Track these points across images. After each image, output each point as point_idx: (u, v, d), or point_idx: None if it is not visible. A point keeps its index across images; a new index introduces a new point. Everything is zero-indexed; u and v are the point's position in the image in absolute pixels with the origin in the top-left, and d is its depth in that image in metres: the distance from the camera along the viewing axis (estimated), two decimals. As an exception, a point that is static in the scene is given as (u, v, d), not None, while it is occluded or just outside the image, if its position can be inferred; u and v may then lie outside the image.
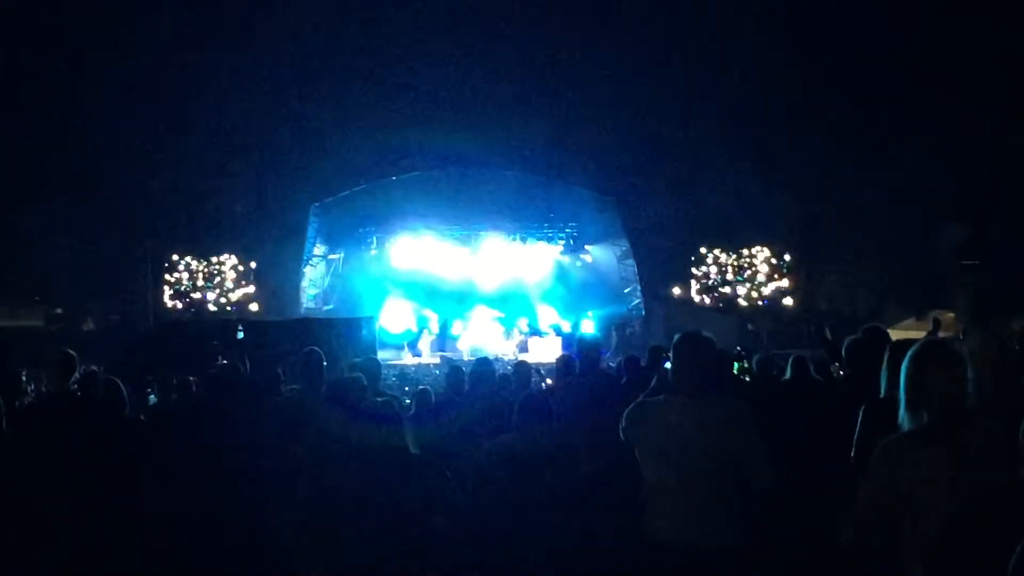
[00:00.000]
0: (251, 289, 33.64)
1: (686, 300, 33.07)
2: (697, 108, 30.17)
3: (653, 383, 6.45)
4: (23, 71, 27.89)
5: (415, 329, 32.65)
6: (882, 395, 5.58)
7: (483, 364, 8.68)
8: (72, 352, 7.84)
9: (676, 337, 5.78)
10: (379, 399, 6.52)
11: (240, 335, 16.86)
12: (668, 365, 6.36)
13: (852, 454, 5.65)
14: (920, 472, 3.87)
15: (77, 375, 7.80)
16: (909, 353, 4.16)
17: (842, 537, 3.89)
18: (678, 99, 30.09)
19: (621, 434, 5.90)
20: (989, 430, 3.90)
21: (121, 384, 7.58)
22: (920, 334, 20.58)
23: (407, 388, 18.60)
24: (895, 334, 7.86)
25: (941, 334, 21.59)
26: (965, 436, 3.91)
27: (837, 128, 29.20)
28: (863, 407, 5.66)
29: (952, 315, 26.34)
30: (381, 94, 30.63)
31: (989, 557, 2.98)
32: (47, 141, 29.26)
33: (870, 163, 28.68)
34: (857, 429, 5.64)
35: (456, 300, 33.41)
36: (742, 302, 32.98)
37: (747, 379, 9.17)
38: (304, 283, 33.12)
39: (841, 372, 8.70)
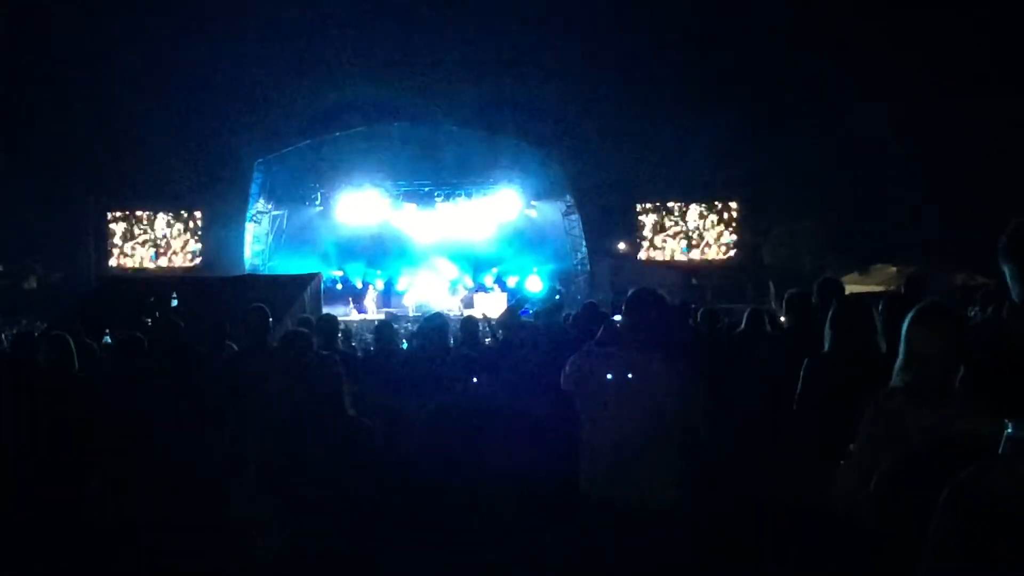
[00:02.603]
0: (194, 246, 33.39)
1: (631, 256, 33.17)
2: (643, 62, 30.10)
3: (599, 335, 6.44)
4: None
5: (360, 285, 32.64)
6: (825, 349, 5.62)
7: (434, 319, 8.60)
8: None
9: (629, 292, 5.80)
10: (324, 354, 6.45)
11: (175, 303, 16.60)
12: (616, 318, 6.39)
13: (793, 408, 5.67)
14: (907, 425, 3.89)
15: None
16: (910, 314, 4.17)
17: (836, 500, 3.90)
18: (623, 54, 30.00)
19: (562, 382, 5.92)
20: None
21: (70, 339, 7.46)
22: (863, 288, 20.82)
23: (353, 344, 18.56)
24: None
25: (882, 287, 21.85)
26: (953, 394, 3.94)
27: (782, 81, 29.27)
28: (805, 362, 5.67)
29: (894, 268, 26.61)
30: (325, 48, 30.36)
31: (916, 509, 3.05)
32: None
33: (813, 117, 28.81)
34: (800, 384, 5.66)
35: (401, 256, 33.36)
36: (686, 257, 33.14)
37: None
38: (248, 240, 32.85)
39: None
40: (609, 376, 5.60)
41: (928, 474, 3.14)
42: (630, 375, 5.53)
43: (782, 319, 9.11)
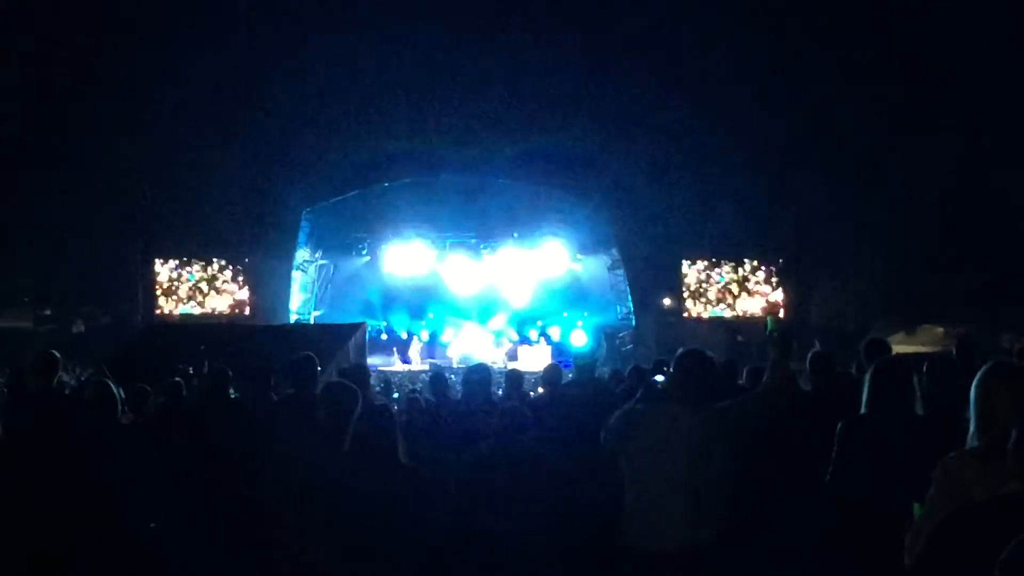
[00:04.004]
0: (241, 294, 33.60)
1: (676, 311, 33.06)
2: (694, 120, 30.14)
3: (639, 394, 6.45)
4: (5, 66, 27.77)
5: (404, 336, 32.76)
6: (863, 411, 5.58)
7: (479, 371, 8.58)
8: (55, 352, 7.80)
9: (679, 352, 5.82)
10: (374, 404, 6.47)
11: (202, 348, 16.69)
12: (658, 378, 6.41)
13: (829, 471, 5.64)
14: (981, 489, 3.84)
15: (63, 375, 7.76)
16: (979, 374, 4.14)
17: (911, 563, 3.86)
18: (674, 110, 30.05)
19: (602, 437, 5.92)
20: None
21: (113, 386, 7.50)
22: (909, 348, 20.67)
23: (396, 395, 18.58)
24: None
25: (929, 348, 21.69)
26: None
27: (832, 141, 29.22)
28: (841, 423, 5.64)
29: (941, 330, 26.41)
30: (373, 100, 30.62)
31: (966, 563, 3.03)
32: (37, 141, 29.20)
33: (862, 176, 28.72)
34: (836, 446, 5.63)
35: (445, 307, 33.46)
36: (732, 313, 33.00)
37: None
38: (294, 288, 33.03)
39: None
40: (653, 430, 5.61)
41: (981, 530, 3.13)
42: (681, 428, 5.53)
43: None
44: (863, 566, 5.10)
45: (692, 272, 33.43)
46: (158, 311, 33.07)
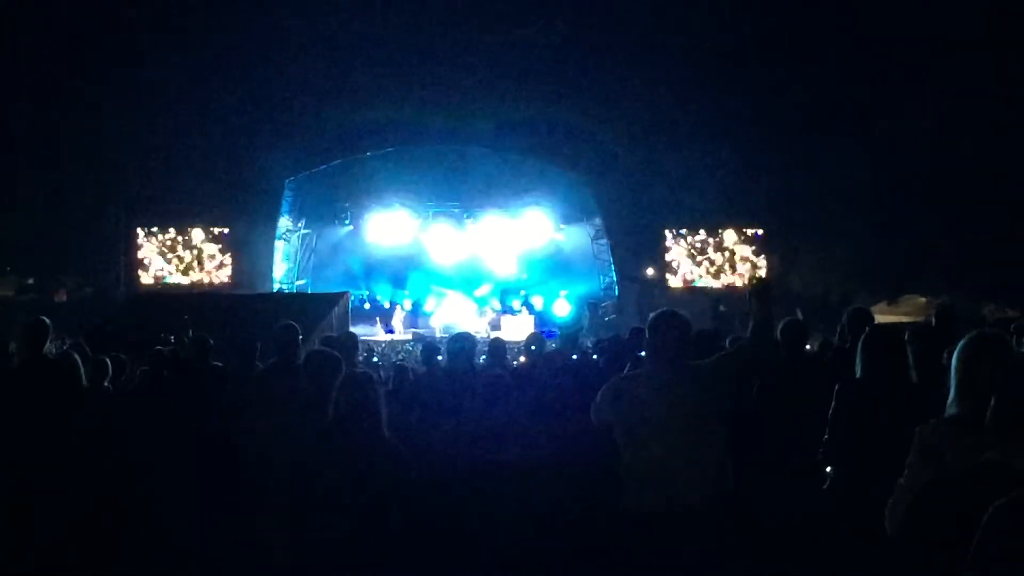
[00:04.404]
0: (223, 263, 33.53)
1: (659, 281, 33.11)
2: (672, 84, 30.07)
3: (628, 367, 6.50)
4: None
5: (387, 305, 32.76)
6: (858, 376, 5.67)
7: (462, 340, 8.57)
8: (45, 319, 7.77)
9: (651, 315, 5.85)
10: (356, 372, 6.45)
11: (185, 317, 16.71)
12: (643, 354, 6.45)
13: (826, 433, 5.72)
14: (958, 457, 3.87)
15: (51, 344, 7.74)
16: (961, 342, 4.16)
17: (891, 530, 3.88)
18: (652, 75, 29.99)
19: (592, 415, 5.95)
20: None
21: (89, 356, 7.51)
22: (892, 318, 20.77)
23: (377, 361, 18.64)
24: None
25: (911, 318, 21.78)
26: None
27: (815, 110, 29.20)
28: (837, 386, 5.72)
29: (924, 299, 26.52)
30: (356, 69, 30.46)
31: (945, 531, 3.07)
32: (19, 110, 29.05)
33: (843, 143, 28.71)
34: (832, 408, 5.70)
35: (428, 277, 33.46)
36: (715, 283, 33.06)
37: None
38: (277, 258, 32.97)
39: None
40: (644, 396, 5.63)
41: (959, 499, 3.16)
42: (665, 390, 5.56)
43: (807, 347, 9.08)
44: (861, 529, 5.13)
45: (675, 242, 33.44)
46: (141, 280, 33.00)
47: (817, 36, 28.32)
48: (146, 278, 33.18)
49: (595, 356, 10.65)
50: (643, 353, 6.60)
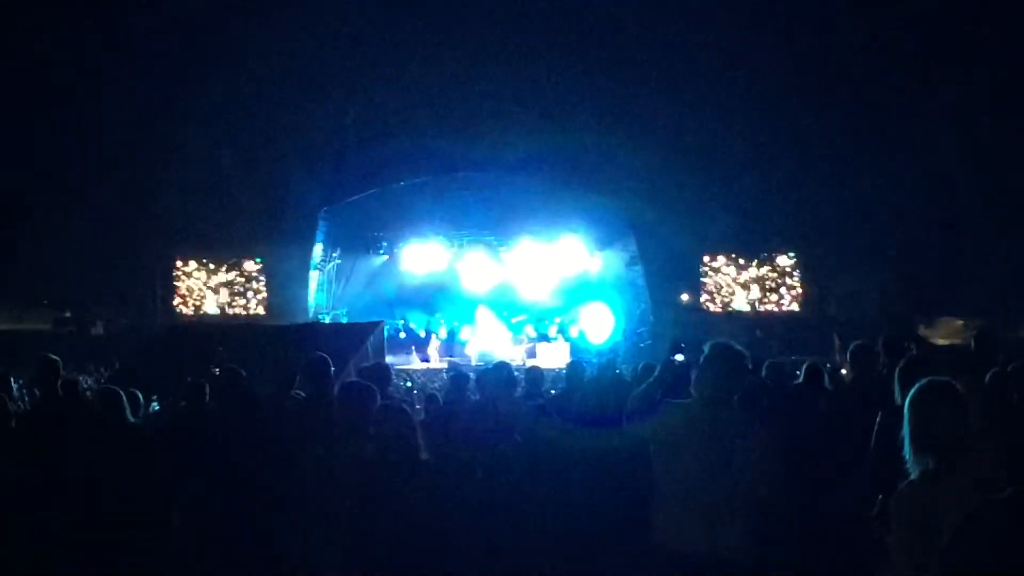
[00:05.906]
0: (259, 294, 33.65)
1: (694, 306, 32.97)
2: (707, 112, 30.03)
3: (657, 371, 6.32)
4: (26, 71, 27.87)
5: (423, 334, 32.78)
6: (897, 403, 5.57)
7: (500, 369, 8.50)
8: (51, 356, 7.78)
9: (708, 345, 5.70)
10: (390, 403, 6.45)
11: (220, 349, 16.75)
12: (678, 357, 6.32)
13: (873, 463, 5.62)
14: (953, 511, 3.80)
15: (82, 378, 7.76)
16: (913, 392, 4.10)
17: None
18: (690, 104, 29.98)
19: (625, 426, 5.85)
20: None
21: (121, 392, 7.51)
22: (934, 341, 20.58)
23: (415, 391, 18.63)
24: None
25: (948, 340, 21.62)
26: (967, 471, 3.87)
27: (846, 134, 29.10)
28: (880, 416, 5.62)
29: (960, 322, 26.31)
30: (391, 99, 30.63)
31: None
32: (57, 143, 29.35)
33: (882, 169, 28.59)
34: (874, 438, 5.61)
35: (463, 305, 33.45)
36: (750, 308, 32.89)
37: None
38: (312, 288, 33.07)
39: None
40: (686, 430, 5.53)
41: (1007, 522, 3.10)
42: (705, 426, 5.46)
43: (843, 371, 8.99)
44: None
45: (710, 267, 33.31)
46: (177, 312, 33.18)
47: (853, 63, 28.24)
48: (183, 309, 33.36)
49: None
50: (678, 358, 6.50)
